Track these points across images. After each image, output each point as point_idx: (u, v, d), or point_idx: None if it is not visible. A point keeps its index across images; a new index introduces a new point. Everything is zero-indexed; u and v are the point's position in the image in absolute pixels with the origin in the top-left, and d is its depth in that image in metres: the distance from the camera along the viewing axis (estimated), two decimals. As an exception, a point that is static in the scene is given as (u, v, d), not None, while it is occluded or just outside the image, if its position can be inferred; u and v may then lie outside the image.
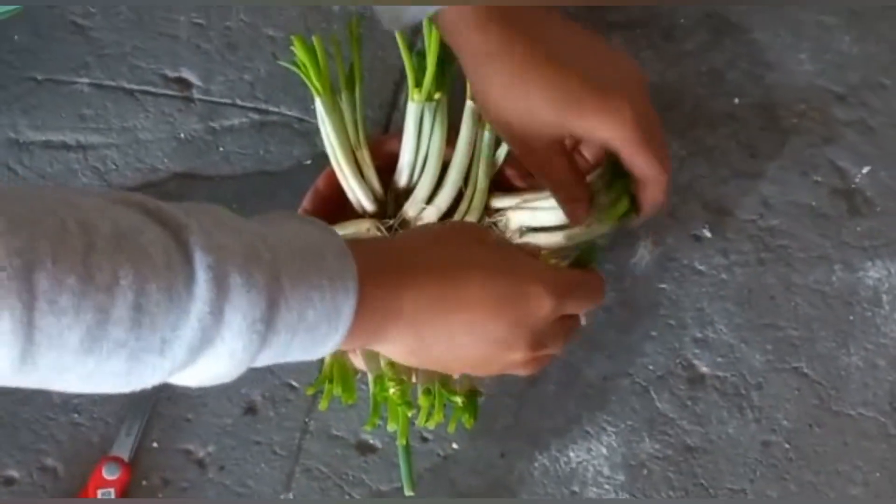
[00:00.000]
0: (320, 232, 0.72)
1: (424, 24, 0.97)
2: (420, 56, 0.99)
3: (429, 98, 0.98)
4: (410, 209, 0.99)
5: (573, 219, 0.93)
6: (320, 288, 0.68)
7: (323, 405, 0.91)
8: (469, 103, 0.99)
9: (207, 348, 0.64)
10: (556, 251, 0.96)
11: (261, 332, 0.65)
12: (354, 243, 0.72)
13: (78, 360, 0.60)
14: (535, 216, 0.98)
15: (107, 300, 0.59)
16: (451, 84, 1.00)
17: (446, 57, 0.96)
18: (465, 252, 0.80)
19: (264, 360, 0.69)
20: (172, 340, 0.62)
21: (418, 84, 0.98)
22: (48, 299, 0.57)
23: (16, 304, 0.56)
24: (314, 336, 0.69)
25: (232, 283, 0.63)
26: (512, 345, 0.79)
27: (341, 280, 0.69)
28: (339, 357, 0.93)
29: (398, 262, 0.76)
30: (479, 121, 0.99)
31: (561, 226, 0.96)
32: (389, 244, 0.82)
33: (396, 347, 0.78)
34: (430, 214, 0.99)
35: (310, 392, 0.94)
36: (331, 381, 0.92)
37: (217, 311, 0.63)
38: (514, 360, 0.81)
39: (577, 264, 0.90)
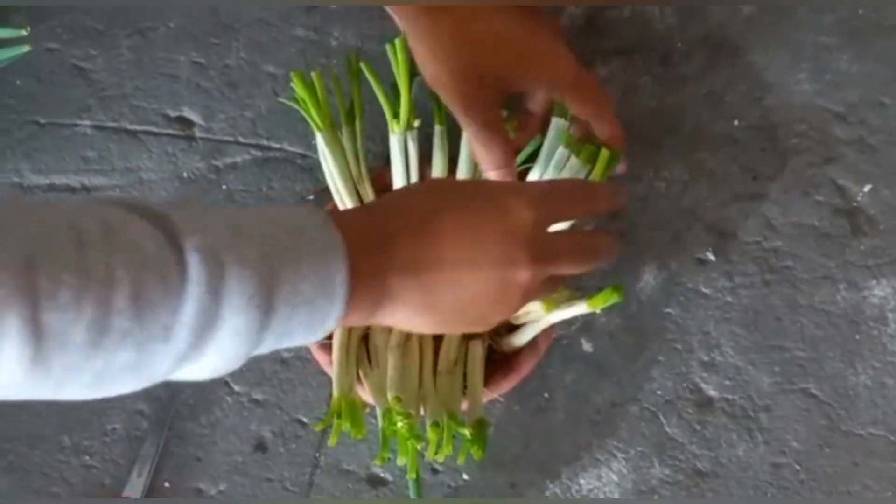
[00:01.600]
0: (300, 209, 0.73)
1: (389, 52, 0.97)
2: (395, 88, 0.99)
3: (409, 127, 0.98)
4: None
5: (498, 174, 0.94)
6: (309, 262, 0.69)
7: (332, 441, 0.91)
8: (437, 127, 0.99)
9: (211, 330, 0.65)
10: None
11: (260, 307, 0.66)
12: (335, 214, 0.73)
13: (87, 356, 0.61)
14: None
15: (105, 292, 0.60)
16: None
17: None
18: (436, 196, 0.80)
19: (270, 341, 0.69)
20: (174, 325, 0.63)
21: (395, 115, 0.99)
22: (49, 296, 0.58)
23: (21, 302, 0.57)
24: (314, 311, 0.69)
25: (224, 260, 0.64)
26: (512, 260, 0.78)
27: (329, 250, 0.70)
28: (347, 393, 0.93)
29: (381, 224, 0.76)
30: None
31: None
32: (367, 211, 0.81)
33: (408, 309, 0.77)
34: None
35: (319, 428, 0.94)
36: (339, 417, 0.92)
37: (213, 290, 0.64)
38: (523, 279, 0.78)
39: None
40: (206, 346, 0.65)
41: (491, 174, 0.93)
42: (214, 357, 0.66)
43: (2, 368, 0.58)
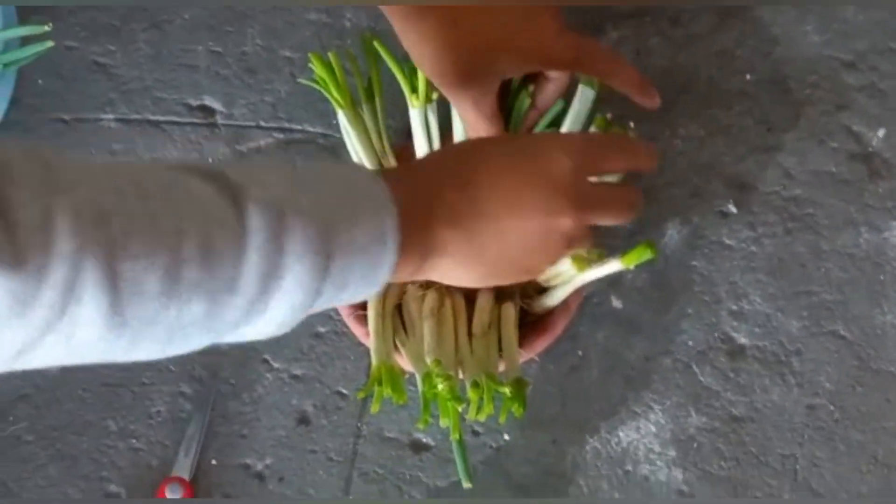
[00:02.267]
0: (348, 166, 0.77)
1: None
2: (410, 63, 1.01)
3: (428, 100, 1.00)
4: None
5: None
6: (362, 211, 0.71)
7: (374, 408, 0.92)
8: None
9: (274, 279, 0.66)
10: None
11: (320, 255, 0.67)
12: (382, 171, 0.76)
13: (161, 306, 0.62)
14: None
15: (174, 242, 0.62)
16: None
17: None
18: (476, 152, 0.82)
19: (330, 292, 0.70)
20: (240, 276, 0.64)
21: (414, 90, 1.00)
22: (122, 245, 0.59)
23: (97, 252, 0.58)
24: (369, 259, 0.71)
25: (284, 210, 0.66)
26: (555, 208, 0.79)
27: (379, 201, 0.72)
28: (386, 360, 0.94)
29: (425, 179, 0.79)
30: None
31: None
32: (412, 168, 0.84)
33: (455, 259, 0.79)
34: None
35: (361, 396, 0.95)
36: (380, 384, 0.93)
37: (274, 239, 0.65)
38: (566, 227, 0.80)
39: None
40: (270, 296, 0.67)
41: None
42: (279, 308, 0.68)
43: (83, 320, 0.59)
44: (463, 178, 0.79)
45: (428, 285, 0.98)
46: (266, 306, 0.67)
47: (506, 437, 1.04)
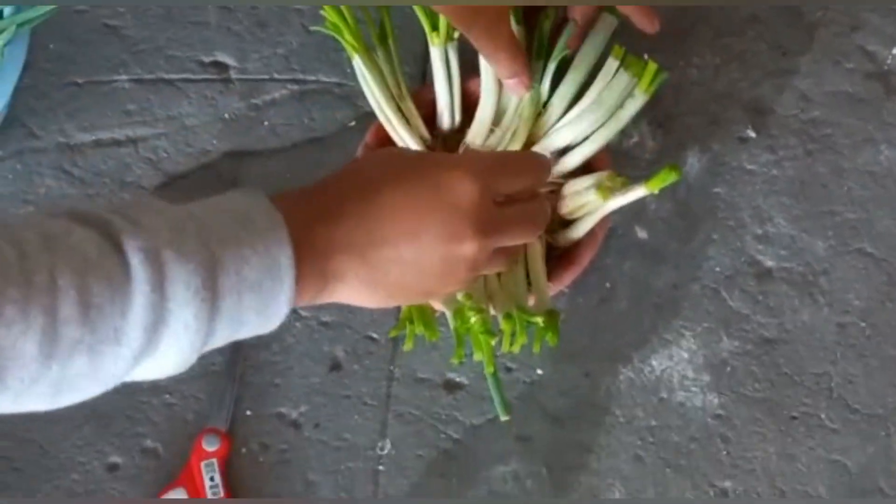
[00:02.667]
0: (242, 194, 0.72)
1: None
2: None
3: (449, 39, 1.00)
4: (477, 138, 1.01)
5: (515, 91, 0.97)
6: (251, 244, 0.69)
7: (407, 345, 0.91)
8: None
9: (161, 327, 0.65)
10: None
11: (206, 298, 0.66)
12: (276, 197, 0.73)
13: (41, 367, 0.61)
14: (561, 135, 0.99)
15: (51, 301, 0.60)
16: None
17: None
18: (377, 173, 0.79)
19: (223, 331, 0.69)
20: (125, 326, 0.63)
21: (434, 28, 1.00)
22: None
23: None
24: (262, 295, 0.69)
25: (165, 258, 0.64)
26: (456, 234, 0.78)
27: (271, 232, 0.70)
28: None
29: (322, 204, 0.76)
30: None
31: (590, 134, 0.98)
32: (308, 192, 0.79)
33: (355, 286, 0.77)
34: (477, 140, 1.00)
35: (393, 334, 0.95)
36: (411, 322, 0.93)
37: (158, 286, 0.64)
38: (469, 252, 0.79)
39: None
40: (158, 342, 0.66)
41: (506, 84, 0.96)
42: (170, 352, 0.67)
43: None
44: (362, 205, 0.77)
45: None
46: (156, 351, 0.66)
47: (539, 371, 1.04)
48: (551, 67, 1.00)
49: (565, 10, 1.00)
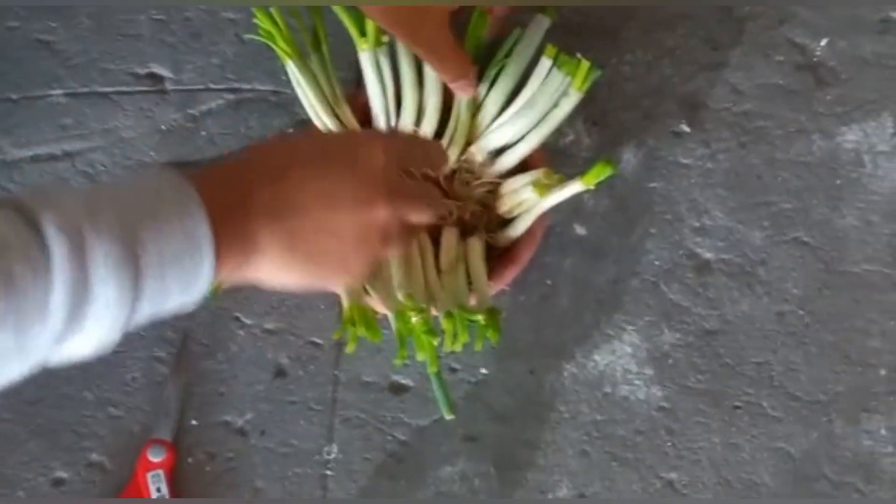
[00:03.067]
0: (154, 172, 0.73)
1: None
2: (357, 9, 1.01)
3: (378, 43, 1.00)
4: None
5: (464, 93, 0.98)
6: (168, 221, 0.69)
7: (350, 348, 0.91)
8: None
9: (84, 304, 0.65)
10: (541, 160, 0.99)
11: (128, 273, 0.66)
12: (191, 176, 0.73)
13: None
14: (496, 136, 1.00)
15: None
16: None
17: None
18: (289, 148, 0.81)
19: (148, 306, 0.69)
20: (48, 304, 0.63)
21: (363, 33, 1.00)
22: None
23: None
24: (183, 268, 0.70)
25: (84, 233, 0.65)
26: (369, 200, 0.79)
27: (186, 207, 0.70)
28: (357, 301, 0.94)
29: (237, 179, 0.77)
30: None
31: (526, 133, 0.99)
32: (223, 168, 0.80)
33: (275, 257, 0.77)
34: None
35: (336, 336, 0.95)
36: (354, 325, 0.93)
37: (78, 264, 0.64)
38: (382, 218, 0.80)
39: None
40: (83, 319, 0.66)
41: (453, 87, 0.97)
42: (94, 329, 0.67)
43: None
44: (275, 176, 0.78)
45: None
46: (82, 328, 0.66)
47: (483, 370, 1.04)
48: (491, 73, 1.00)
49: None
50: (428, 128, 1.01)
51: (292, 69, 1.00)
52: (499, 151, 1.01)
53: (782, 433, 1.03)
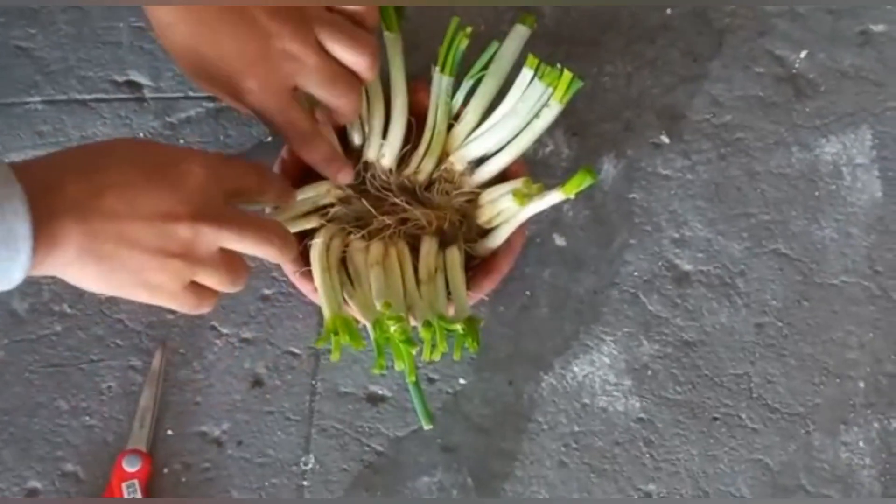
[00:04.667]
0: None
1: None
2: None
3: None
4: (370, 151, 1.01)
5: (338, 179, 0.98)
6: None
7: (334, 356, 0.90)
8: (386, 34, 1.00)
9: None
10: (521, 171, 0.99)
11: None
12: (17, 170, 0.74)
13: None
14: (476, 146, 1.00)
15: None
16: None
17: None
18: (107, 150, 0.81)
19: None
20: None
21: None
22: None
23: None
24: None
25: None
26: (173, 213, 0.79)
27: (8, 202, 0.71)
28: (338, 311, 0.93)
29: (50, 171, 0.77)
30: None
31: (506, 144, 0.98)
32: (39, 160, 0.80)
33: (74, 256, 0.77)
34: (387, 154, 1.00)
35: (319, 344, 0.94)
36: (336, 334, 0.93)
37: None
38: (184, 236, 0.79)
39: None
40: None
41: (325, 172, 0.97)
42: None
43: None
44: (89, 174, 0.78)
45: (371, 236, 0.98)
46: None
47: (461, 381, 1.04)
48: (467, 84, 1.00)
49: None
50: (395, 137, 1.00)
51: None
52: (478, 161, 1.01)
53: (760, 445, 1.03)
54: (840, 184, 1.08)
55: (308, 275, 0.97)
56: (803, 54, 1.11)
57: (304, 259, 0.97)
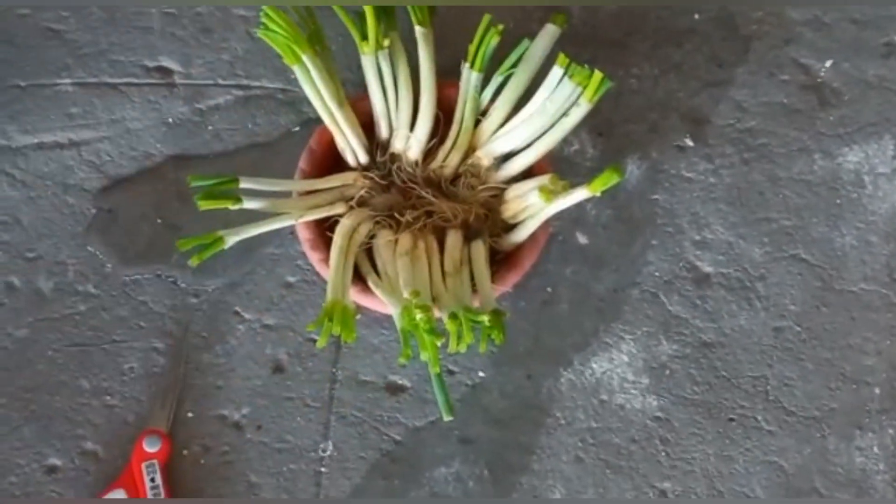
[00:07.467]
0: None
1: None
2: (359, 14, 1.00)
3: (378, 47, 1.00)
4: (397, 142, 1.01)
5: None
6: None
7: (320, 343, 0.88)
8: (418, 28, 1.01)
9: None
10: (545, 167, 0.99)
11: None
12: None
13: None
14: (503, 142, 1.00)
15: None
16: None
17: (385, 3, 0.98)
18: None
19: None
20: None
21: (364, 37, 1.00)
22: None
23: None
24: None
25: None
26: None
27: None
28: (341, 298, 0.93)
29: None
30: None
31: (533, 141, 0.99)
32: None
33: None
34: (414, 146, 1.01)
35: (309, 328, 0.93)
36: (331, 320, 0.92)
37: None
38: None
39: None
40: None
41: None
42: None
43: None
44: None
45: (399, 228, 0.98)
46: None
47: (481, 374, 1.04)
48: (496, 80, 1.01)
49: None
50: (422, 130, 1.01)
51: (308, 63, 1.00)
52: (505, 157, 1.01)
53: (776, 447, 1.04)
54: (861, 192, 1.09)
55: (321, 244, 0.97)
56: (828, 63, 1.12)
57: (326, 246, 0.97)
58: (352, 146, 1.01)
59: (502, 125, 1.01)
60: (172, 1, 1.11)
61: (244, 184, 0.92)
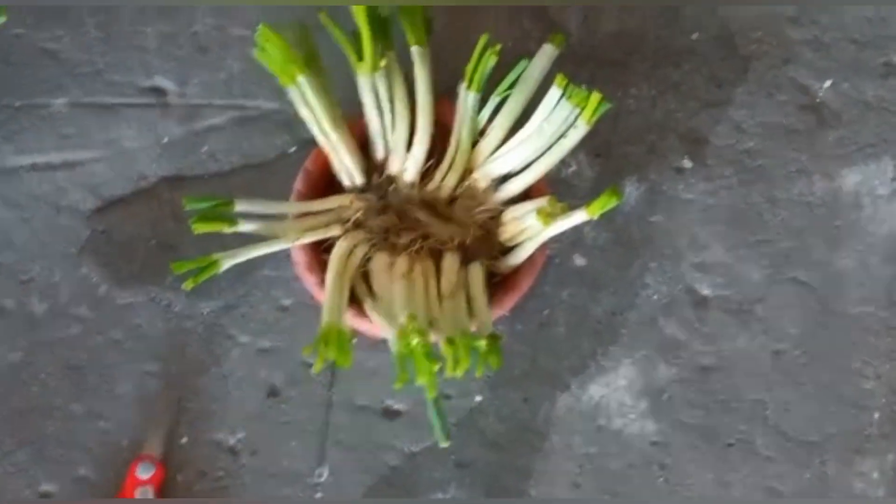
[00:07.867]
0: None
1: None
2: (355, 33, 1.00)
3: (375, 68, 0.99)
4: (393, 163, 1.01)
5: None
6: None
7: (316, 368, 0.88)
8: (414, 48, 1.00)
9: None
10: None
11: None
12: None
13: None
14: (500, 163, 1.00)
15: None
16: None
17: (381, 22, 0.97)
18: None
19: None
20: None
21: (360, 58, 0.99)
22: None
23: None
24: None
25: None
26: None
27: None
28: (337, 321, 0.92)
29: None
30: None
31: (531, 162, 0.98)
32: None
33: None
34: (411, 167, 1.00)
35: (305, 352, 0.92)
36: (326, 344, 0.91)
37: None
38: None
39: None
40: None
41: None
42: None
43: None
44: None
45: (395, 251, 0.98)
46: None
47: (477, 398, 1.04)
48: (493, 101, 1.00)
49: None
50: (419, 151, 1.00)
51: (304, 84, 0.99)
52: (503, 179, 1.01)
53: (774, 472, 1.03)
54: (860, 214, 1.09)
55: (316, 267, 0.96)
56: (827, 84, 1.11)
57: (322, 269, 0.97)
58: (347, 168, 1.01)
59: (500, 146, 1.01)
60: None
61: (239, 206, 0.91)
